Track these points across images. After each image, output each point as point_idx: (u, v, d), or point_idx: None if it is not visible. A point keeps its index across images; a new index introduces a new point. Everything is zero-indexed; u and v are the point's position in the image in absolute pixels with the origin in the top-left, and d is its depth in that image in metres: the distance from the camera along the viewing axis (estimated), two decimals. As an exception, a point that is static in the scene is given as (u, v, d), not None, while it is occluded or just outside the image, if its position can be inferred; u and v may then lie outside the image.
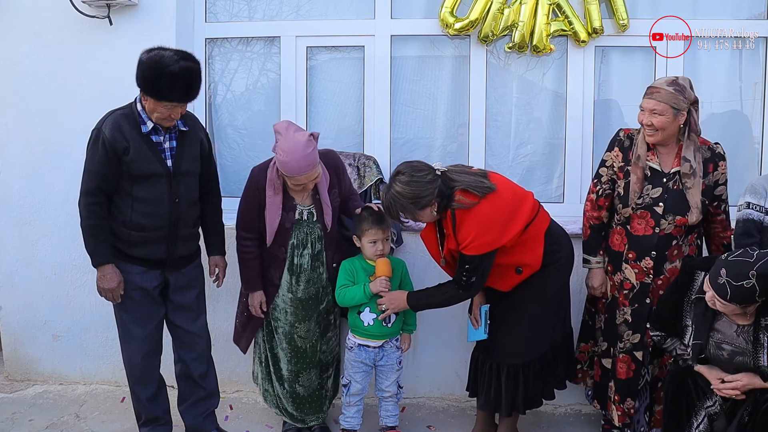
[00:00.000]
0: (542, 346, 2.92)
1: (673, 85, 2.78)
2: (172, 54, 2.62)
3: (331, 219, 2.98)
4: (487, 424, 3.13)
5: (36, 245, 3.69)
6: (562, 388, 3.11)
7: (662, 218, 2.83)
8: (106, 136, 2.69)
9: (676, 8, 3.57)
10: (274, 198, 2.90)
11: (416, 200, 2.69)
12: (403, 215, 2.75)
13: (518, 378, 2.91)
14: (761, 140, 3.65)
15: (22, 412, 3.45)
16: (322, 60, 3.82)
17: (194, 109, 3.60)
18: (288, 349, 3.08)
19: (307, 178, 2.83)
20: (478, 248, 2.70)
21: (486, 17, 3.50)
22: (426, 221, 2.83)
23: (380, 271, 2.97)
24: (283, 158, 2.76)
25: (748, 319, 2.50)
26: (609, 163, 2.97)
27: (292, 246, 2.98)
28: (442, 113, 3.77)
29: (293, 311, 3.04)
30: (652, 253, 2.87)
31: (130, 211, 2.76)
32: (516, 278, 2.85)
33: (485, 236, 2.69)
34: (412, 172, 2.72)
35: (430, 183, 2.70)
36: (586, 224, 3.04)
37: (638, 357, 2.95)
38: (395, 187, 2.71)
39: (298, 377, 3.11)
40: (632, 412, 2.97)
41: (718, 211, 2.94)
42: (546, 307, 2.91)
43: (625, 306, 2.95)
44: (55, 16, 3.53)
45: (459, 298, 2.89)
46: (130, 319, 2.86)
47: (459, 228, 2.72)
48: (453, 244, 2.77)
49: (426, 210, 2.72)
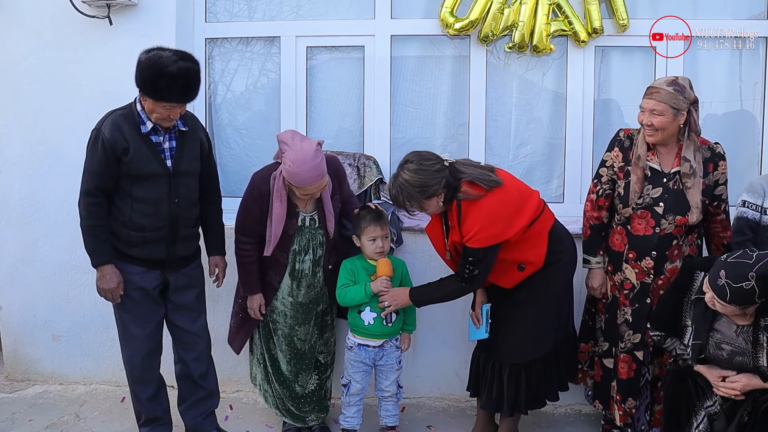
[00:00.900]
0: (544, 346, 2.92)
1: (672, 85, 2.77)
2: (170, 54, 2.62)
3: (333, 225, 2.99)
4: (487, 423, 3.13)
5: (36, 245, 3.69)
6: (565, 389, 3.10)
7: (662, 218, 2.83)
8: (106, 136, 2.68)
9: (676, 8, 3.57)
10: (281, 208, 2.88)
11: (423, 189, 2.70)
12: (410, 204, 2.75)
13: (520, 378, 2.91)
14: (761, 140, 3.65)
15: (22, 412, 3.45)
16: (322, 60, 3.82)
17: (194, 109, 3.60)
18: (287, 351, 3.08)
19: (316, 188, 2.83)
20: (482, 241, 2.70)
21: (486, 17, 3.50)
22: (432, 212, 2.83)
23: (381, 271, 2.97)
24: (293, 169, 2.74)
25: (747, 319, 2.50)
26: (609, 163, 2.97)
27: (293, 252, 2.98)
28: (442, 113, 3.77)
29: (293, 315, 3.04)
30: (652, 253, 2.87)
31: (130, 211, 2.76)
32: (518, 275, 2.84)
33: (490, 229, 2.70)
34: (420, 161, 2.74)
35: (438, 172, 2.72)
36: (586, 224, 3.04)
37: (639, 357, 2.95)
38: (403, 175, 2.72)
39: (297, 377, 3.11)
40: (633, 412, 2.98)
41: (718, 211, 2.94)
42: (548, 307, 2.91)
43: (626, 306, 2.95)
44: (55, 16, 3.53)
45: (461, 291, 2.88)
46: (130, 320, 2.86)
47: (464, 219, 2.72)
48: (457, 236, 2.77)
49: (432, 200, 2.73)
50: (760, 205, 2.85)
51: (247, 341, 3.20)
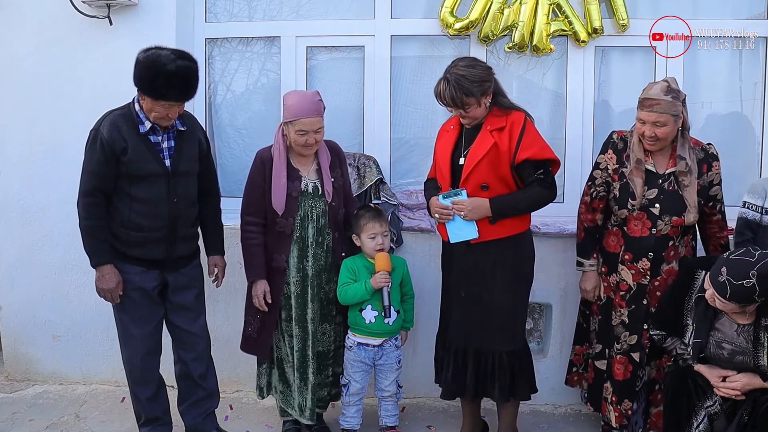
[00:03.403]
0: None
1: (669, 93, 2.77)
2: (168, 53, 2.63)
3: (331, 190, 3.01)
4: (475, 420, 3.13)
5: (36, 245, 3.69)
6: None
7: (659, 219, 2.84)
8: (104, 136, 2.69)
9: (676, 8, 3.57)
10: (279, 162, 2.95)
11: (481, 83, 2.75)
12: (467, 100, 2.73)
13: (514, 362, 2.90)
14: (761, 140, 3.65)
15: (22, 412, 3.45)
16: (322, 60, 3.82)
17: (194, 109, 3.60)
18: (298, 333, 3.03)
19: (312, 125, 2.88)
20: (548, 150, 2.81)
21: (486, 17, 3.50)
22: (478, 115, 2.81)
23: (380, 265, 2.96)
24: (291, 102, 2.90)
25: (748, 318, 2.50)
26: (603, 165, 2.97)
27: (299, 218, 2.98)
28: (442, 113, 3.73)
29: (301, 292, 3.01)
30: (649, 254, 2.87)
31: (129, 211, 2.76)
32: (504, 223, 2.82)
33: (546, 144, 2.85)
34: (471, 59, 2.87)
35: (489, 72, 2.80)
36: (581, 227, 3.04)
37: (635, 358, 2.94)
38: (458, 71, 2.74)
39: (305, 359, 3.05)
40: (630, 414, 2.97)
41: (714, 212, 2.94)
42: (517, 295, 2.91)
43: (622, 307, 2.95)
44: (55, 16, 3.54)
45: (545, 197, 2.83)
46: (130, 320, 2.86)
47: (526, 133, 2.77)
48: (504, 146, 2.76)
49: (484, 99, 2.78)
50: (760, 206, 2.87)
51: (271, 343, 3.12)
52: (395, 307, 3.04)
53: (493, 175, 2.80)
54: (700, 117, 3.67)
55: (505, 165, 2.78)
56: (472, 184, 2.81)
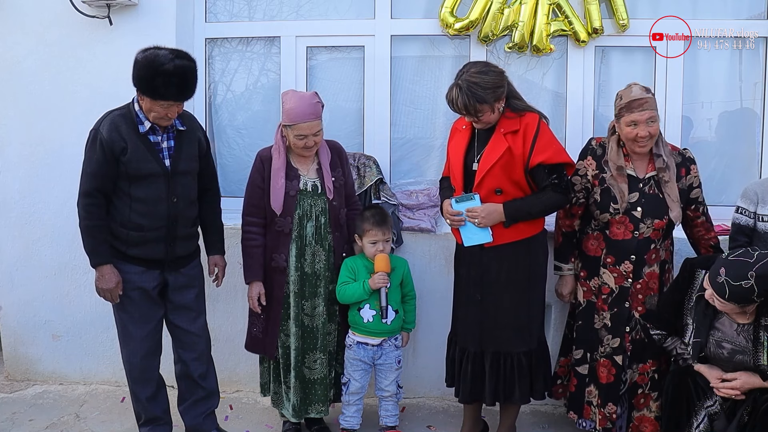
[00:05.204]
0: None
1: (647, 91, 2.83)
2: (167, 53, 2.63)
3: (332, 187, 3.01)
4: (475, 418, 3.12)
5: (36, 245, 3.69)
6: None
7: (641, 222, 2.85)
8: (104, 136, 2.69)
9: (676, 8, 3.57)
10: (279, 162, 2.96)
11: (494, 89, 2.72)
12: (480, 107, 2.71)
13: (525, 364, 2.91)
14: (761, 140, 3.65)
15: (22, 412, 3.45)
16: (322, 60, 3.82)
17: (194, 109, 3.60)
18: (297, 331, 3.02)
19: (310, 129, 2.89)
20: (563, 153, 2.80)
21: (486, 17, 3.50)
22: (490, 121, 2.79)
23: (379, 267, 2.97)
24: (289, 106, 2.89)
25: (748, 318, 2.50)
26: (582, 171, 2.97)
27: (298, 217, 2.98)
28: (442, 113, 3.76)
29: (299, 290, 3.01)
30: (631, 257, 2.87)
31: (129, 211, 2.76)
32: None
33: (561, 146, 2.83)
34: (483, 64, 2.82)
35: (502, 76, 2.77)
36: (559, 232, 3.05)
37: (618, 361, 2.93)
38: (471, 78, 2.71)
39: (304, 358, 3.05)
40: (614, 417, 2.94)
41: (698, 214, 2.96)
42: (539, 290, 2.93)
43: (604, 311, 2.94)
44: (55, 16, 3.54)
45: (559, 202, 2.84)
46: (129, 320, 2.86)
47: (540, 136, 2.75)
48: (518, 149, 2.74)
49: (497, 104, 2.75)
50: (753, 212, 2.88)
51: (277, 341, 3.10)
52: (395, 308, 3.04)
53: (507, 180, 2.79)
54: (700, 117, 3.67)
55: (519, 169, 2.78)
56: (486, 188, 2.81)
